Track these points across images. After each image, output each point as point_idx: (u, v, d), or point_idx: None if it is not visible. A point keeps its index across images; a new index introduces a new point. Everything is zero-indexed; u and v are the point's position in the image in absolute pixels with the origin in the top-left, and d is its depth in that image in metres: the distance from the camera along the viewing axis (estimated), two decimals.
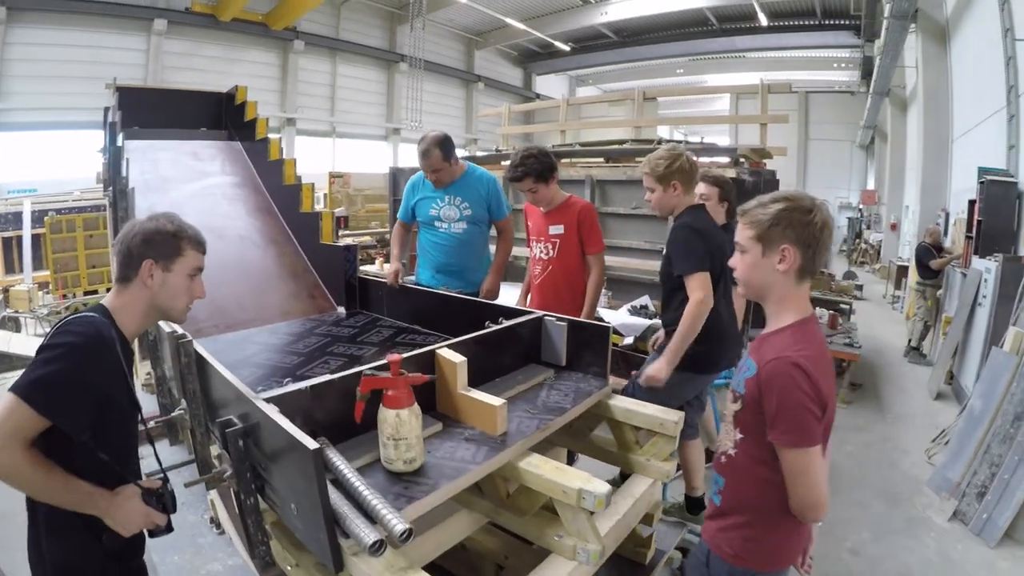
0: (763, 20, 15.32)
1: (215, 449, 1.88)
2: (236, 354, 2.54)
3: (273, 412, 1.25)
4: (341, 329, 3.02)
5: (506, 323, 2.33)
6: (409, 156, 16.50)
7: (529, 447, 1.76)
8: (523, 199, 3.55)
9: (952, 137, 7.82)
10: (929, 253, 6.53)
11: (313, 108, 15.55)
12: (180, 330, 1.84)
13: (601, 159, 6.41)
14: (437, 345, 1.93)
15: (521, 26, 17.23)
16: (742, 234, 1.42)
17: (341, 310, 3.39)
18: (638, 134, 8.15)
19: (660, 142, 6.11)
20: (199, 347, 1.76)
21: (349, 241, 6.43)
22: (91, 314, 1.35)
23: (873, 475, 4.00)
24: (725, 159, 5.89)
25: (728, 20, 16.64)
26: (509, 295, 3.53)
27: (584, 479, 1.56)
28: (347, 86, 16.41)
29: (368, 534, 1.07)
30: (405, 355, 1.77)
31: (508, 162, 3.03)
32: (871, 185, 17.99)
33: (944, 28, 7.83)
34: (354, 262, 3.44)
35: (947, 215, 7.67)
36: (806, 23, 15.54)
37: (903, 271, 9.52)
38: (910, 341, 6.91)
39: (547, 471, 1.62)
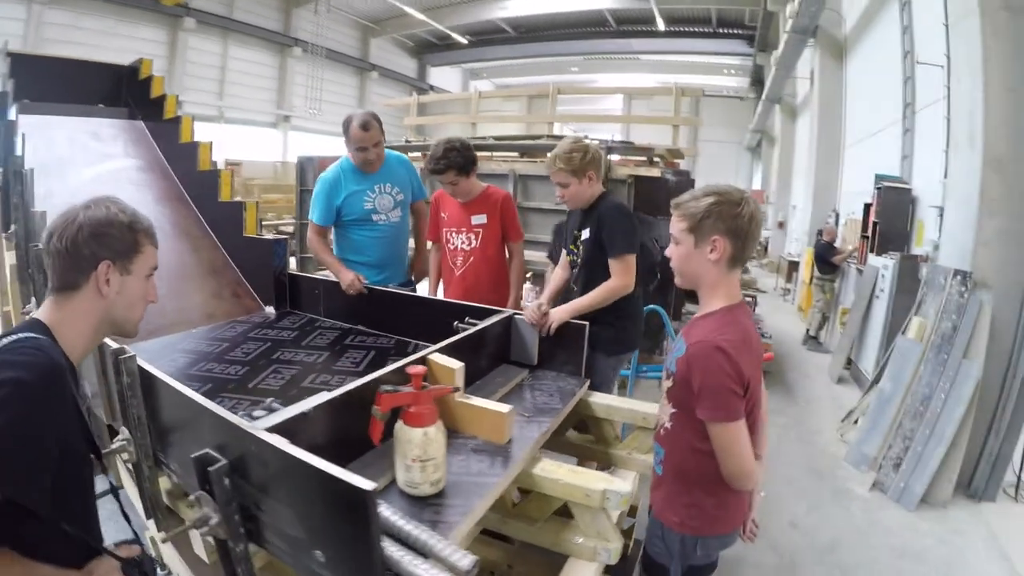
0: (661, 25, 16.05)
1: (164, 482, 1.59)
2: (167, 366, 2.19)
3: (285, 445, 1.02)
4: (278, 332, 2.72)
5: (483, 323, 2.20)
6: (300, 145, 15.76)
7: (535, 452, 1.67)
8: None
9: (844, 144, 8.63)
10: (829, 250, 7.12)
11: (201, 91, 14.37)
12: (112, 342, 1.52)
13: (515, 153, 6.45)
14: (428, 351, 1.77)
15: (420, 16, 16.95)
16: (676, 226, 1.50)
17: (270, 310, 3.07)
18: (551, 129, 8.29)
19: (586, 137, 6.17)
20: (147, 365, 1.46)
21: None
22: (32, 335, 1.02)
23: (796, 454, 4.28)
24: (642, 157, 6.13)
25: (627, 22, 17.29)
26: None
27: (606, 480, 1.56)
28: (238, 69, 15.41)
29: None
30: (392, 367, 1.60)
31: (428, 153, 2.92)
32: (757, 185, 19.44)
33: (842, 45, 8.61)
34: (284, 256, 3.12)
35: (837, 215, 8.44)
36: (702, 30, 16.47)
37: (794, 266, 10.37)
38: (808, 330, 7.52)
39: (564, 475, 1.57)
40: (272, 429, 1.13)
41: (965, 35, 3.72)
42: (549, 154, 2.51)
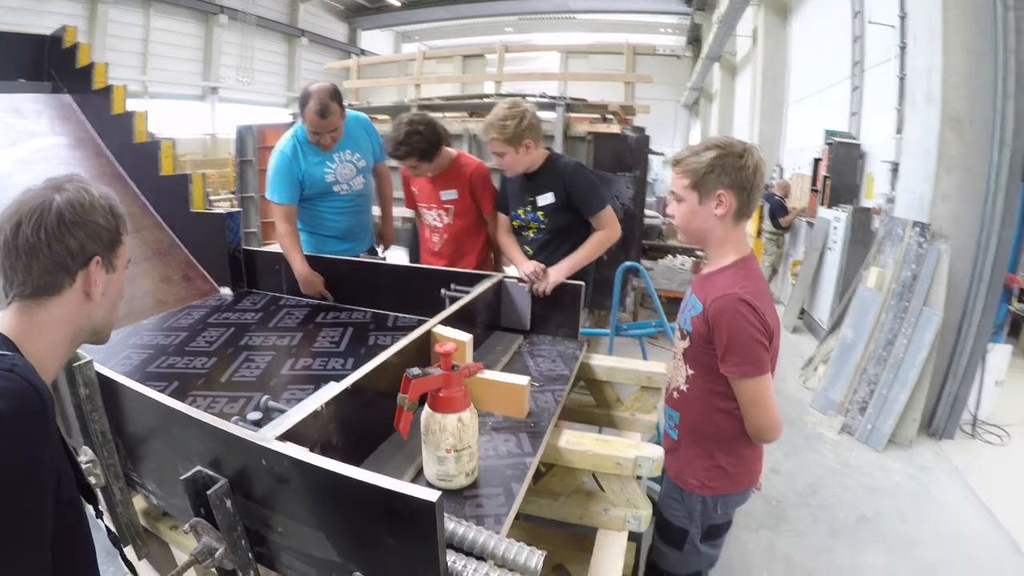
0: None
1: (138, 502, 1.39)
2: (122, 365, 1.93)
3: (311, 458, 0.85)
4: (240, 315, 2.49)
5: (477, 289, 2.09)
6: (229, 117, 15.01)
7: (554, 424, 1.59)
8: None
9: (788, 101, 8.82)
10: (782, 207, 7.25)
11: (124, 66, 13.31)
12: None
13: (465, 113, 6.29)
14: (429, 324, 1.63)
15: None
16: (677, 183, 1.46)
17: (226, 291, 2.81)
18: (499, 88, 8.08)
19: (543, 95, 6.02)
20: (108, 371, 1.24)
21: None
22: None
23: None
24: (596, 115, 6.07)
25: None
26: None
27: (635, 447, 1.52)
28: (162, 41, 14.41)
29: None
30: (399, 346, 1.45)
31: (390, 133, 2.58)
32: (696, 142, 19.72)
33: (786, 3, 8.75)
34: (238, 231, 2.85)
35: (781, 170, 8.66)
36: None
37: None
38: None
39: (592, 446, 1.52)
40: (284, 437, 0.97)
41: None
42: (484, 121, 2.34)
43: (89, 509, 1.01)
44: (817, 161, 6.20)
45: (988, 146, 3.49)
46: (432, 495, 0.75)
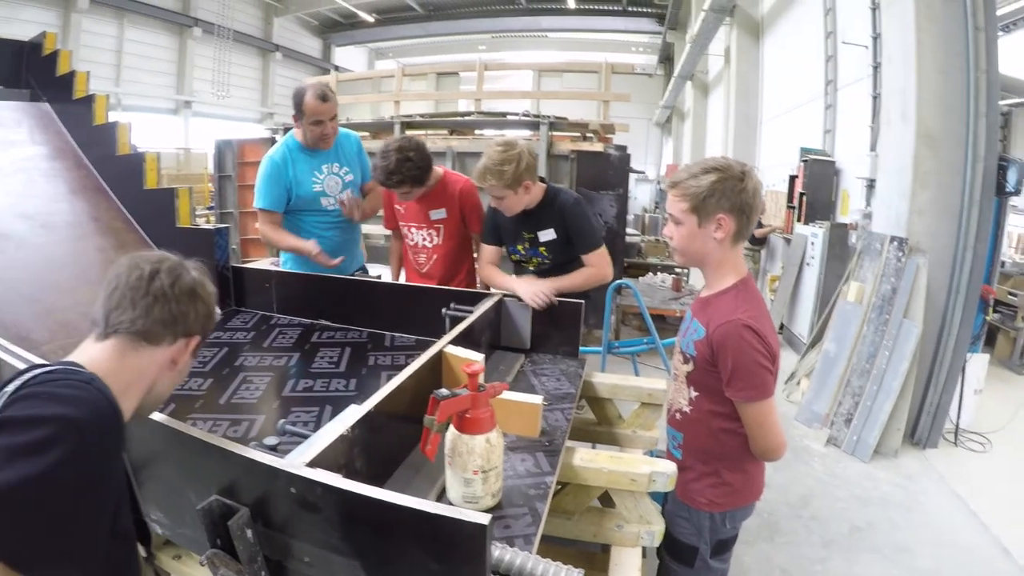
0: (571, 2, 16.24)
1: None
2: None
3: (350, 485, 0.82)
4: (232, 334, 2.43)
5: (481, 308, 2.08)
6: (202, 131, 15.14)
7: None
8: None
9: (761, 120, 9.07)
10: (758, 223, 7.40)
11: (98, 78, 13.06)
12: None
13: (445, 130, 6.41)
14: (440, 344, 1.61)
15: None
16: (675, 206, 1.45)
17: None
18: (478, 106, 8.18)
19: (526, 113, 6.08)
20: None
21: None
22: (77, 368, 0.81)
23: None
24: (576, 133, 6.20)
25: (536, 0, 17.30)
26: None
27: (648, 462, 1.51)
28: (136, 53, 14.32)
29: None
30: (417, 366, 1.43)
31: (378, 160, 2.53)
32: (669, 159, 20.16)
33: (758, 23, 9.06)
34: (226, 248, 2.80)
35: None
36: (611, 8, 16.73)
37: None
38: None
39: (606, 463, 1.51)
40: (313, 463, 0.94)
41: (899, 17, 3.89)
42: (478, 165, 2.30)
43: None
44: (793, 178, 6.38)
45: (961, 162, 3.62)
46: (483, 518, 0.73)
